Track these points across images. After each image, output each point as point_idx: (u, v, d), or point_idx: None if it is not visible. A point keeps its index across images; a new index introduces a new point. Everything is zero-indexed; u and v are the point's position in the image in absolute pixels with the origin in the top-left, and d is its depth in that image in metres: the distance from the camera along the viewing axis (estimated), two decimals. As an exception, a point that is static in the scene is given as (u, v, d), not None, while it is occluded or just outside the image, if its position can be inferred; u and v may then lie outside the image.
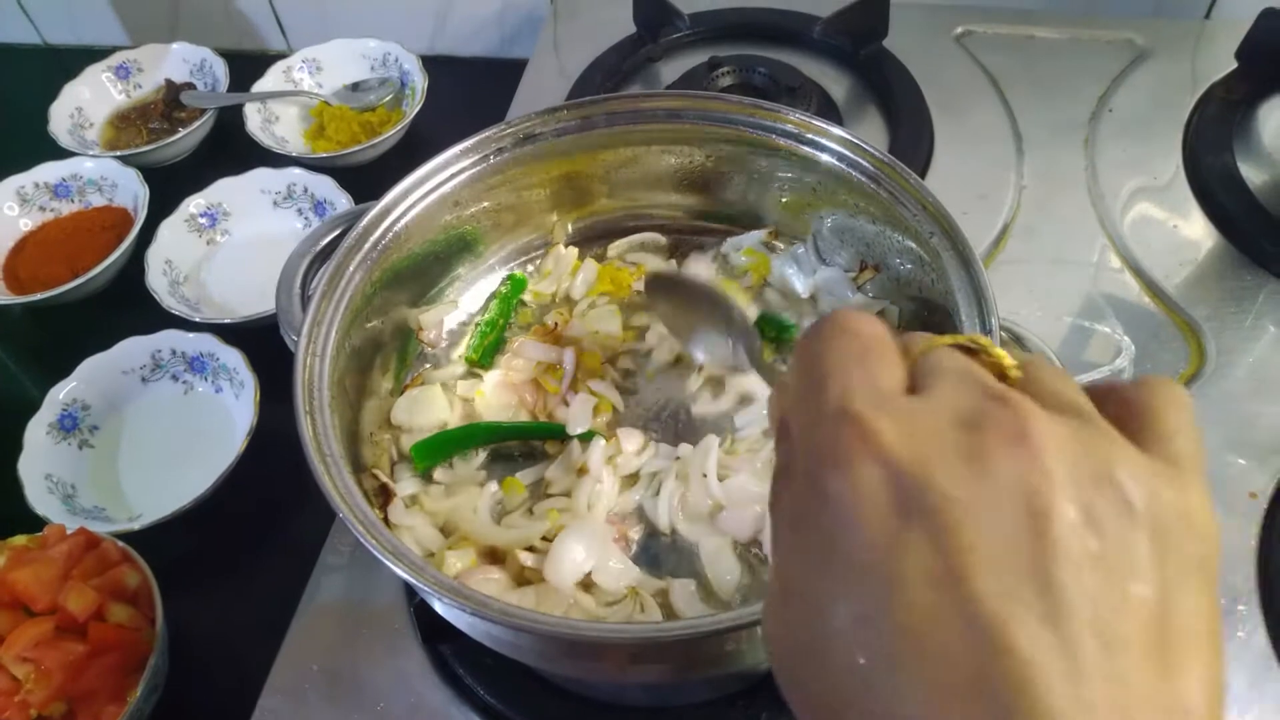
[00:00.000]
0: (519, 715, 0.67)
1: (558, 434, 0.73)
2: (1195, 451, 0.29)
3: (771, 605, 0.31)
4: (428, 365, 0.79)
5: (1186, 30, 1.09)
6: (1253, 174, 0.93)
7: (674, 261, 0.84)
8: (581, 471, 0.70)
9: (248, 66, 1.21)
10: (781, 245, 0.82)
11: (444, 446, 0.72)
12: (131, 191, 1.09)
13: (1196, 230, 0.91)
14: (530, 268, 0.84)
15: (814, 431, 0.29)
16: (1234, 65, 1.02)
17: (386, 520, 0.66)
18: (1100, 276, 0.88)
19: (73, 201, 1.12)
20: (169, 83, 1.23)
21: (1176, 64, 1.05)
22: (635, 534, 0.68)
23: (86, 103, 1.23)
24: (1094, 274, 0.88)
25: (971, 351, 0.32)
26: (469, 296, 0.82)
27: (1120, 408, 0.30)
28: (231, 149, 1.17)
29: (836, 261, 0.79)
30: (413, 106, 1.14)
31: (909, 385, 0.30)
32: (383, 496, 0.68)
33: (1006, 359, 0.32)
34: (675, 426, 0.74)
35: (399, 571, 0.51)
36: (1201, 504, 0.28)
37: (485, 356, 0.78)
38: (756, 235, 0.82)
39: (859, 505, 0.27)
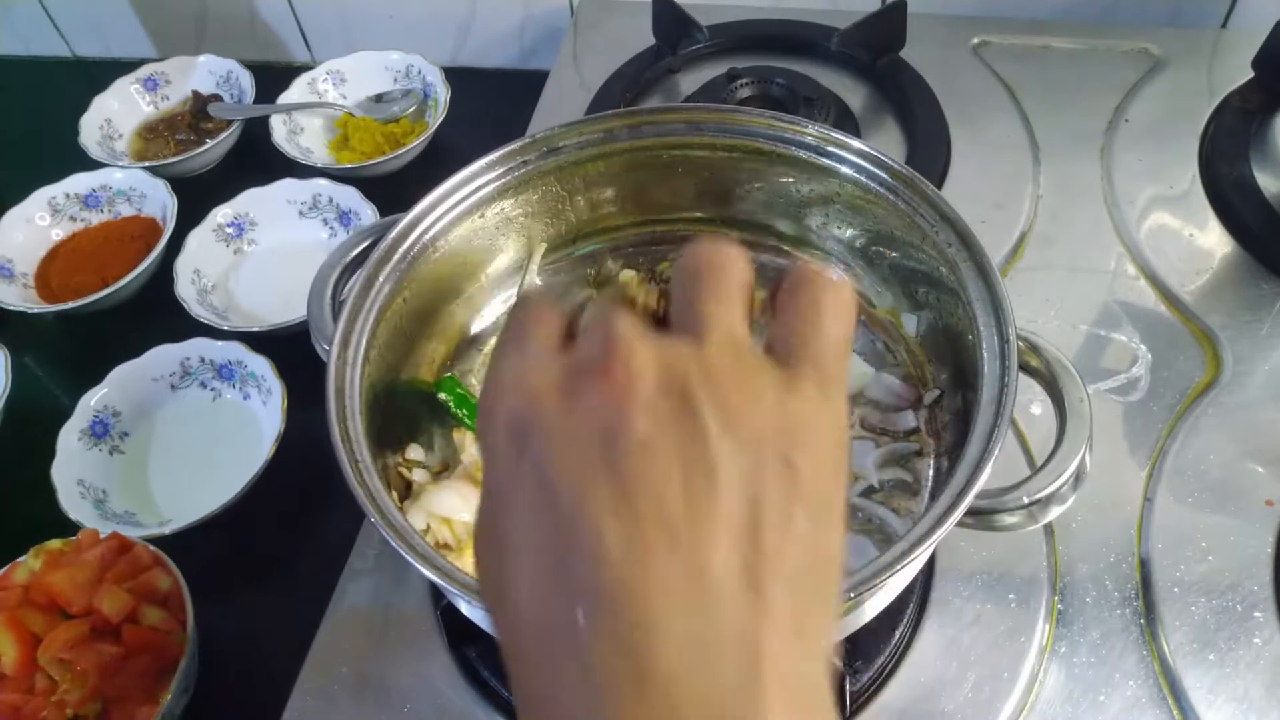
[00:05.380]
0: (543, 717, 0.68)
1: None
2: (828, 362, 0.33)
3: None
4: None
5: (1203, 40, 1.10)
6: (1269, 183, 0.93)
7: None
8: None
9: (273, 78, 1.22)
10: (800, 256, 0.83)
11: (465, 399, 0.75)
12: (160, 202, 1.11)
13: (1213, 239, 0.91)
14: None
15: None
16: (1250, 75, 1.02)
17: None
18: (1116, 285, 0.88)
19: (102, 211, 1.14)
20: (196, 94, 1.25)
21: (1192, 73, 1.06)
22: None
23: (115, 114, 1.25)
24: (1110, 282, 0.89)
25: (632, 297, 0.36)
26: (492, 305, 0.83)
27: (783, 315, 0.34)
28: (258, 160, 1.18)
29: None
30: (435, 118, 1.16)
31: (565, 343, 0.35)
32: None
33: (650, 298, 0.36)
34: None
35: (427, 573, 0.52)
36: (816, 413, 0.31)
37: None
38: None
39: (492, 447, 0.33)
